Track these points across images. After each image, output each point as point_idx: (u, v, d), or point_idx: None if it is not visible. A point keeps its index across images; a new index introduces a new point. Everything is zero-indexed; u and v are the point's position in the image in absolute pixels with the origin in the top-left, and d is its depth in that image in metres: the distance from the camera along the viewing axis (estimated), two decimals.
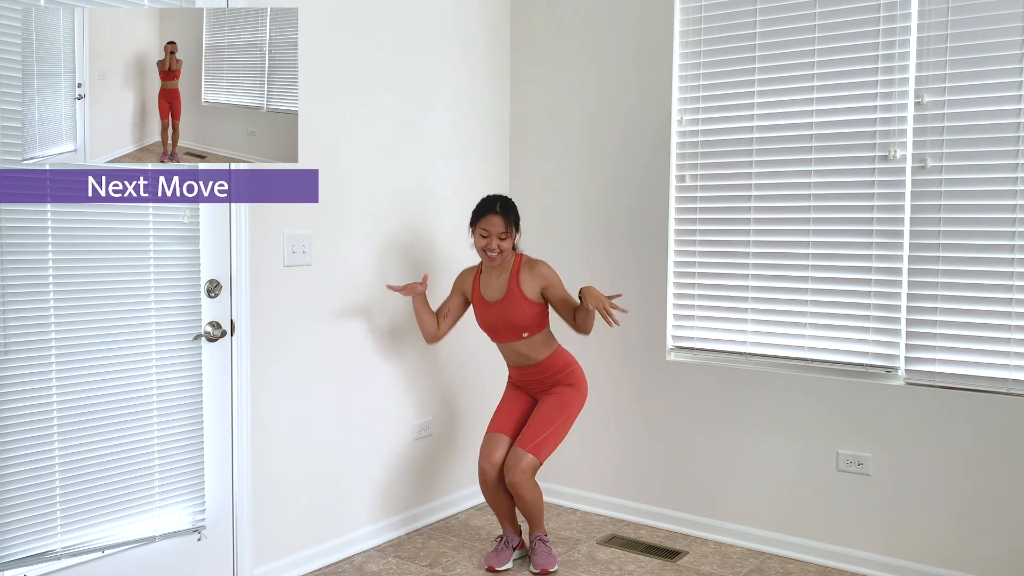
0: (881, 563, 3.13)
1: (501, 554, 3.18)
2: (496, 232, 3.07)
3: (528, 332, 3.13)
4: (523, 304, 3.10)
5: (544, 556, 3.16)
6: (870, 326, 3.16)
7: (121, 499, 2.55)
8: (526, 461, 3.04)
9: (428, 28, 3.55)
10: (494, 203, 3.10)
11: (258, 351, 2.91)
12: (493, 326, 3.17)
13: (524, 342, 3.14)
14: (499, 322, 3.13)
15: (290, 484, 3.07)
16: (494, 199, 3.12)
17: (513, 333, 3.13)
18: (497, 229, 3.07)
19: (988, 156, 2.91)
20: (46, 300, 2.36)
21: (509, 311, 3.10)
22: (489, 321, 3.17)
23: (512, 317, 3.10)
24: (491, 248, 3.07)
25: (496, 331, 3.18)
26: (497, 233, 3.07)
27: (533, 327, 3.13)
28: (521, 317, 3.10)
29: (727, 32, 3.40)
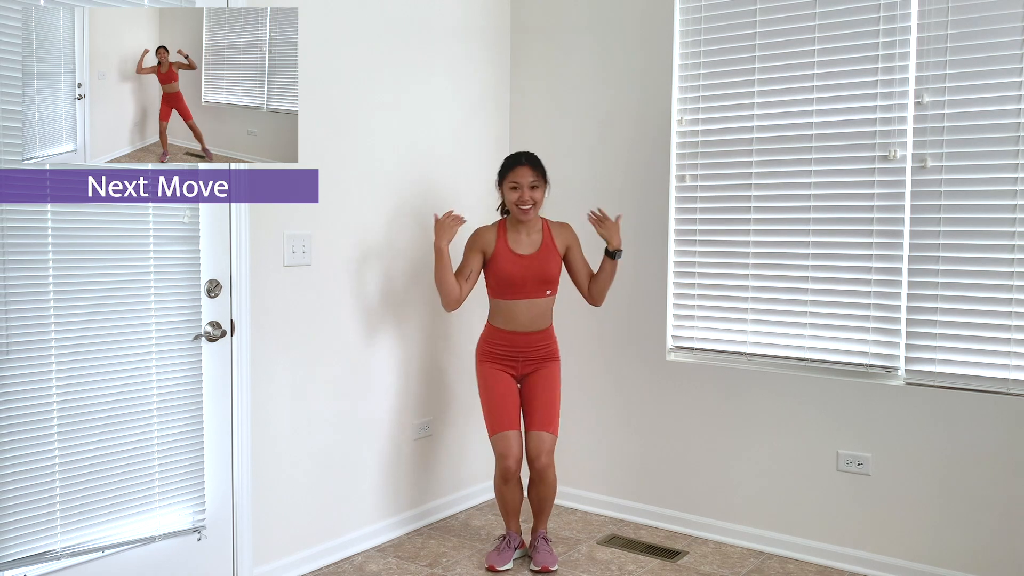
0: (881, 563, 3.13)
1: (502, 554, 3.18)
2: (527, 183, 3.08)
3: (551, 291, 3.16)
4: (556, 258, 3.15)
5: (545, 554, 3.16)
6: (870, 326, 3.16)
7: (121, 499, 2.55)
8: (549, 442, 3.12)
9: (428, 29, 3.55)
10: (520, 156, 3.14)
11: (258, 351, 2.91)
12: (522, 279, 3.11)
13: (545, 299, 3.15)
14: (531, 274, 3.11)
15: (290, 484, 3.07)
16: (519, 153, 3.16)
17: (540, 287, 3.13)
18: (527, 179, 3.08)
19: (988, 156, 2.91)
20: (46, 300, 2.36)
21: (544, 262, 3.12)
22: (519, 273, 3.10)
23: (548, 269, 3.12)
24: (524, 200, 3.07)
25: (523, 285, 3.12)
26: (528, 183, 3.08)
27: (556, 286, 3.18)
28: (554, 270, 3.14)
29: (727, 32, 3.40)
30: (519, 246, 3.15)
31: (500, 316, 3.20)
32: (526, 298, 3.14)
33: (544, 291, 3.15)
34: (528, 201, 3.08)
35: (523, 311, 3.15)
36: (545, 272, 3.13)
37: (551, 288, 3.16)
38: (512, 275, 3.12)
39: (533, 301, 3.14)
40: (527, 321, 3.16)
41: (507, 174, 3.13)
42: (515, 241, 3.15)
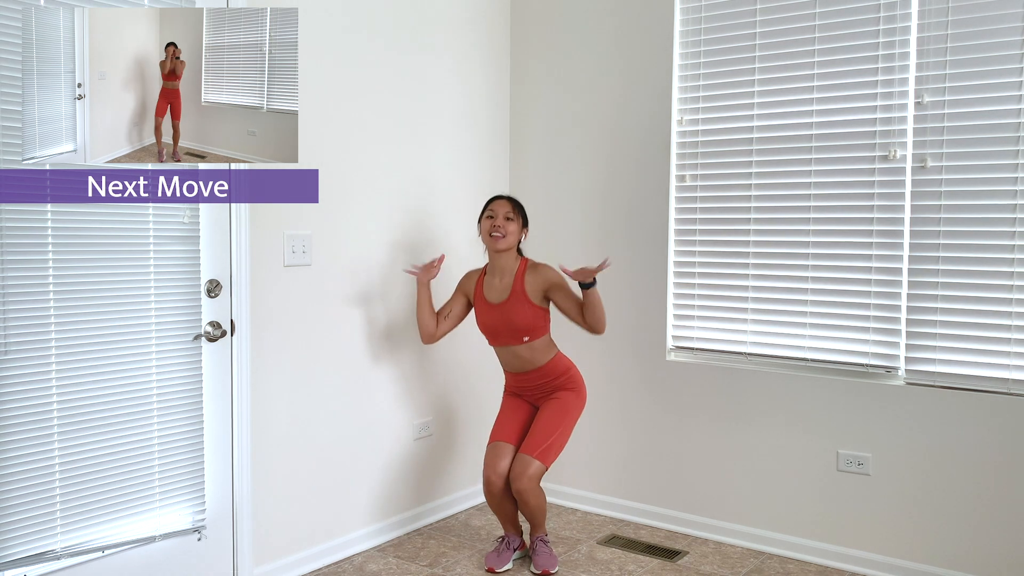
0: (881, 563, 3.13)
1: (502, 555, 3.18)
2: (502, 212, 3.10)
3: (529, 336, 3.11)
4: (526, 306, 3.09)
5: (545, 557, 3.16)
6: (870, 326, 3.16)
7: (121, 499, 2.55)
8: (533, 468, 3.04)
9: (428, 29, 3.55)
10: (501, 195, 3.21)
11: (258, 351, 2.91)
12: (494, 328, 3.14)
13: (524, 346, 3.12)
14: (500, 324, 3.11)
15: (290, 484, 3.07)
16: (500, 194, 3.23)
17: (513, 336, 3.11)
18: (503, 210, 3.11)
19: (988, 156, 2.91)
20: (46, 300, 2.36)
21: (512, 313, 3.09)
22: (490, 323, 3.15)
23: (514, 319, 3.08)
24: (496, 228, 3.08)
25: (496, 334, 3.15)
26: (503, 214, 3.10)
27: (534, 331, 3.11)
28: (523, 319, 3.08)
29: (727, 32, 3.40)
30: (491, 292, 3.16)
31: (499, 357, 3.26)
32: (505, 345, 3.16)
33: (520, 338, 3.10)
34: (500, 229, 3.07)
35: (509, 356, 3.19)
36: (512, 323, 3.08)
37: (528, 335, 3.10)
38: (484, 323, 3.18)
39: (511, 348, 3.14)
40: (518, 363, 3.18)
41: (486, 208, 3.17)
42: (489, 287, 3.17)
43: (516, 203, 3.17)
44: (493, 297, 3.15)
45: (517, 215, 3.13)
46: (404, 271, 3.28)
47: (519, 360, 3.17)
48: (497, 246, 3.10)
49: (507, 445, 3.14)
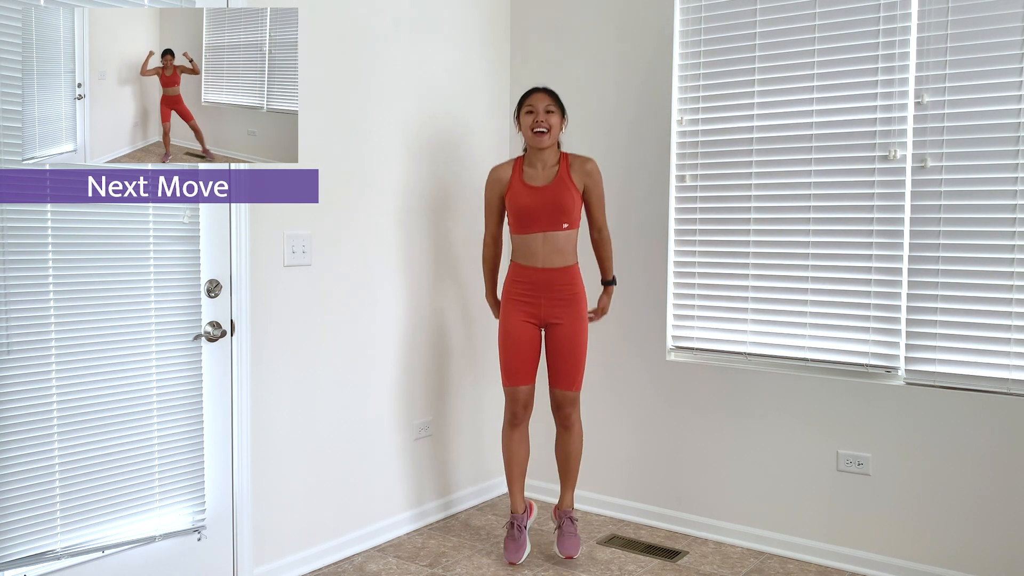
0: (881, 563, 3.13)
1: (518, 542, 3.19)
2: (542, 107, 3.06)
3: (569, 223, 3.10)
4: (572, 190, 3.09)
5: (571, 539, 3.20)
6: (870, 326, 3.16)
7: (121, 499, 2.55)
8: (572, 396, 3.20)
9: (427, 28, 3.55)
10: (536, 87, 3.16)
11: (258, 351, 2.91)
12: (536, 210, 3.07)
13: (563, 233, 3.09)
14: (545, 206, 3.06)
15: (290, 484, 3.07)
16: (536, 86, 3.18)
17: (555, 219, 3.07)
18: (543, 103, 3.06)
19: (988, 156, 2.91)
20: (46, 300, 2.36)
21: (559, 195, 3.06)
22: (532, 205, 3.07)
23: (562, 201, 3.06)
24: (538, 123, 3.04)
25: (537, 216, 3.07)
26: (543, 107, 3.05)
27: (575, 219, 3.12)
28: (569, 202, 3.07)
29: (727, 32, 3.40)
30: (534, 179, 3.11)
31: (520, 252, 3.17)
32: (542, 231, 3.09)
33: (560, 223, 3.08)
34: (543, 124, 3.04)
35: (540, 245, 3.11)
36: (559, 203, 3.06)
37: (568, 221, 3.09)
38: (526, 208, 3.09)
39: (549, 234, 3.09)
40: (546, 256, 3.11)
41: (523, 102, 3.13)
42: (530, 175, 3.13)
43: (553, 94, 3.12)
44: (536, 181, 3.10)
45: (556, 107, 3.10)
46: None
47: (548, 248, 3.10)
48: (541, 143, 3.07)
49: (525, 387, 3.19)
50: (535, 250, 3.12)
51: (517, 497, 3.28)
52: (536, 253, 3.12)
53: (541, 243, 3.10)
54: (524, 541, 3.22)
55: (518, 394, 3.20)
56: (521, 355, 3.19)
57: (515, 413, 3.22)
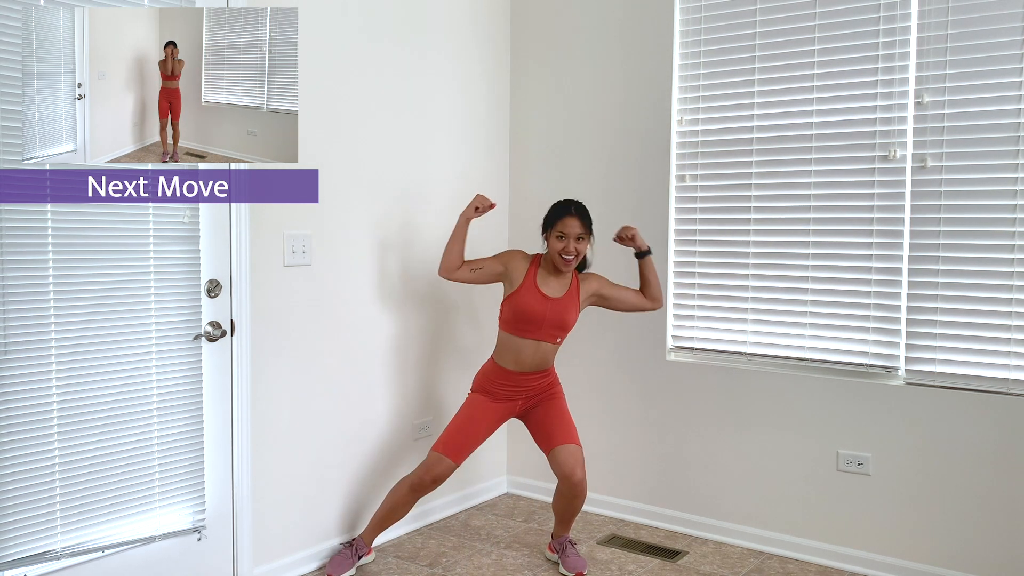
0: (881, 563, 3.13)
1: (347, 560, 3.10)
2: (574, 234, 3.01)
3: (561, 338, 3.13)
4: (577, 309, 3.11)
5: (576, 558, 3.17)
6: (870, 326, 3.16)
7: (121, 499, 2.55)
8: (580, 454, 3.09)
9: (427, 29, 3.55)
10: (569, 206, 3.05)
11: (258, 351, 2.91)
12: (539, 320, 3.06)
13: (552, 346, 3.12)
14: (549, 318, 3.07)
15: (290, 484, 3.07)
16: (569, 202, 3.07)
17: (553, 333, 3.09)
18: (575, 231, 3.02)
19: (988, 156, 2.91)
20: (46, 300, 2.36)
21: (565, 311, 3.08)
22: (538, 314, 3.06)
23: (566, 318, 3.08)
24: (568, 251, 3.01)
25: (540, 326, 3.07)
26: (575, 235, 3.01)
27: (566, 336, 3.15)
28: (572, 320, 3.10)
29: (727, 32, 3.40)
30: (547, 287, 3.09)
31: (507, 355, 3.11)
32: (535, 339, 3.09)
33: (556, 337, 3.11)
34: (572, 253, 3.02)
35: (531, 352, 3.09)
36: (563, 319, 3.08)
37: (562, 336, 3.13)
38: (532, 313, 3.06)
39: (541, 344, 3.10)
40: (535, 362, 3.11)
41: (555, 223, 3.05)
42: (544, 281, 3.10)
43: (585, 217, 3.05)
44: (550, 291, 3.09)
45: (587, 232, 3.05)
46: (473, 202, 3.14)
47: (539, 357, 3.11)
48: (568, 269, 3.06)
49: (451, 464, 3.05)
50: (524, 356, 3.10)
51: (372, 532, 3.16)
52: (524, 359, 3.10)
53: (533, 350, 3.10)
54: (353, 564, 3.10)
55: (440, 465, 3.03)
56: (469, 435, 3.10)
57: (423, 483, 3.04)
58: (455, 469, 3.08)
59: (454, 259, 3.12)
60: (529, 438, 3.28)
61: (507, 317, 3.12)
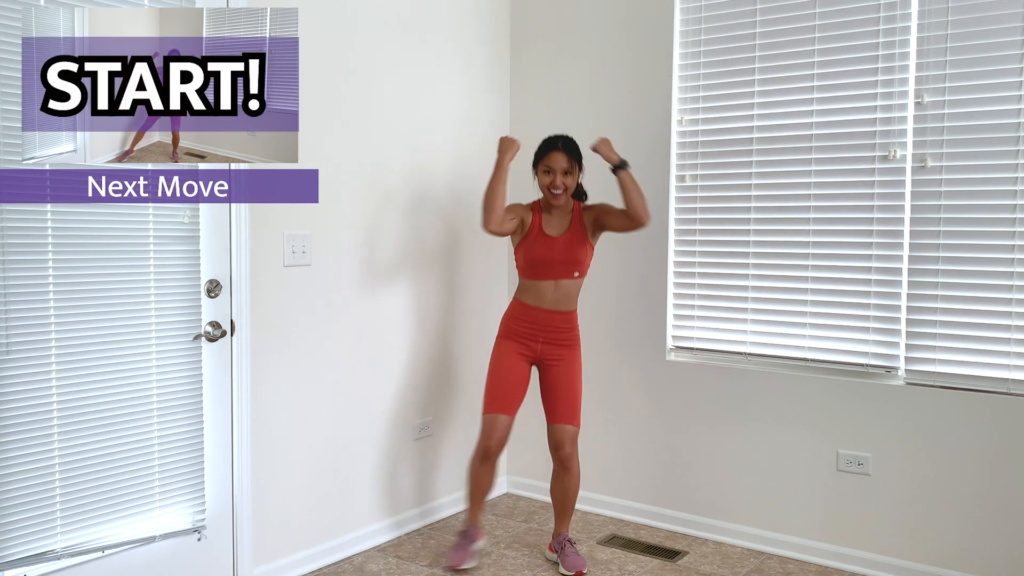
0: (881, 563, 3.13)
1: (466, 551, 3.17)
2: (560, 168, 3.09)
3: (579, 272, 3.16)
4: (585, 241, 3.15)
5: (575, 557, 3.18)
6: (870, 326, 3.16)
7: (121, 499, 2.55)
8: (572, 433, 3.15)
9: (428, 29, 3.55)
10: (556, 141, 3.14)
11: (258, 351, 2.91)
12: (550, 260, 3.13)
13: (572, 281, 3.16)
14: (559, 255, 3.12)
15: (290, 484, 3.07)
16: (556, 137, 3.16)
17: (567, 269, 3.14)
18: (560, 165, 3.09)
19: (988, 156, 2.91)
20: (46, 300, 2.36)
21: (573, 245, 3.13)
22: (547, 254, 3.13)
23: (575, 251, 3.13)
24: (555, 185, 3.09)
25: (551, 265, 3.13)
26: (561, 169, 3.09)
27: (584, 268, 3.18)
28: (581, 253, 3.14)
29: (727, 32, 3.40)
30: (550, 227, 3.17)
31: (528, 293, 3.19)
32: (553, 279, 3.15)
33: (571, 273, 3.15)
34: (559, 186, 3.09)
35: (550, 291, 3.16)
36: (573, 255, 3.14)
37: (579, 271, 3.17)
38: (541, 256, 3.14)
39: (559, 282, 3.15)
40: (554, 300, 3.16)
41: (542, 158, 3.14)
42: (547, 222, 3.18)
43: (570, 150, 3.11)
44: (553, 230, 3.16)
45: (574, 166, 3.12)
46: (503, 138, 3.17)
47: (559, 294, 3.16)
48: (557, 203, 3.12)
49: (505, 417, 3.15)
50: (544, 295, 3.17)
51: (476, 514, 3.25)
52: (545, 297, 3.17)
53: (552, 289, 3.16)
54: (471, 551, 3.18)
55: (497, 423, 3.13)
56: (509, 385, 3.18)
57: (488, 448, 3.14)
58: (512, 422, 3.18)
59: (500, 206, 3.09)
60: (530, 439, 3.29)
61: (521, 264, 3.22)
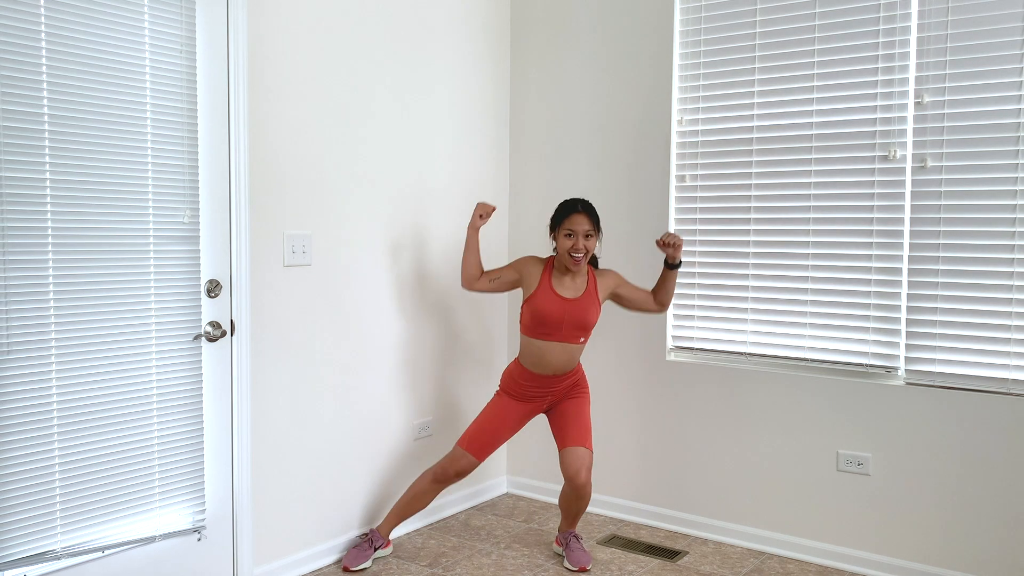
0: (881, 563, 3.13)
1: (363, 553, 3.16)
2: (582, 231, 3.03)
3: (584, 337, 3.13)
4: (596, 306, 3.12)
5: (580, 553, 3.19)
6: (870, 326, 3.16)
7: (121, 499, 2.55)
8: (588, 458, 3.12)
9: (428, 28, 3.55)
10: (576, 203, 3.07)
11: (258, 351, 2.91)
12: (559, 322, 3.07)
13: (577, 345, 3.12)
14: (569, 319, 3.07)
15: (290, 484, 3.07)
16: (575, 200, 3.09)
17: (575, 333, 3.09)
18: (583, 228, 3.03)
19: (988, 156, 2.92)
20: (46, 300, 2.36)
21: (585, 310, 3.08)
22: (557, 316, 3.07)
23: (587, 317, 3.08)
24: (577, 249, 3.02)
25: (560, 327, 3.07)
26: (583, 232, 3.03)
27: (589, 334, 3.15)
28: (592, 319, 3.11)
29: (727, 32, 3.40)
30: (562, 288, 3.10)
31: (530, 357, 3.13)
32: (560, 341, 3.09)
33: (578, 338, 3.11)
34: (581, 250, 3.02)
35: (554, 354, 3.10)
36: (583, 319, 3.08)
37: (585, 336, 3.13)
38: (550, 316, 3.07)
39: (566, 345, 3.10)
40: (560, 363, 3.11)
41: (562, 221, 3.06)
42: (559, 283, 3.11)
43: (593, 214, 3.07)
44: (566, 292, 3.10)
45: (595, 228, 3.07)
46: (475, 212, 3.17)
47: (564, 358, 3.11)
48: (577, 268, 3.07)
49: (475, 460, 3.14)
50: (550, 359, 3.11)
51: (391, 523, 3.23)
52: (549, 362, 3.11)
53: (557, 352, 3.10)
54: (369, 555, 3.16)
55: (463, 460, 3.13)
56: (493, 435, 3.16)
57: (446, 473, 3.14)
58: (477, 466, 3.17)
59: (473, 270, 3.18)
60: (530, 439, 3.29)
61: (527, 322, 3.13)
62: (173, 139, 2.61)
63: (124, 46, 2.47)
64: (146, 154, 2.54)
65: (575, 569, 3.15)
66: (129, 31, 2.48)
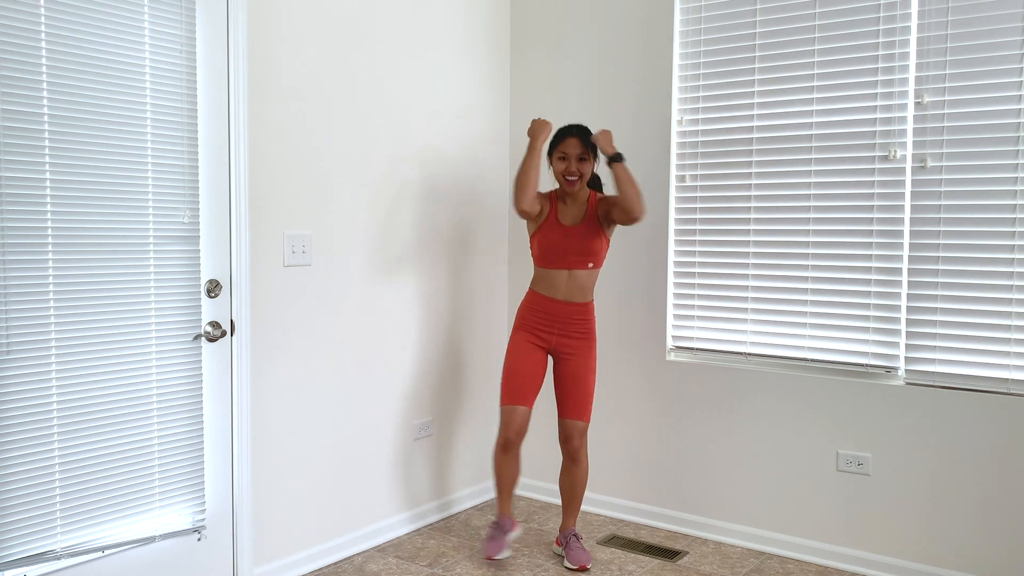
0: (881, 563, 3.13)
1: (498, 541, 3.19)
2: (575, 154, 3.11)
3: (594, 264, 3.17)
4: (600, 232, 3.16)
5: (579, 552, 3.19)
6: (870, 326, 3.16)
7: (121, 499, 2.55)
8: (581, 427, 3.20)
9: (428, 29, 3.55)
10: (570, 128, 3.16)
11: (258, 351, 2.91)
12: (565, 250, 3.14)
13: (586, 272, 3.17)
14: (573, 246, 3.13)
15: (290, 484, 3.07)
16: (570, 125, 3.18)
17: (582, 259, 3.14)
18: (575, 151, 3.11)
19: (988, 156, 2.92)
20: (46, 300, 2.36)
21: (588, 236, 3.14)
22: (562, 244, 3.14)
23: (590, 242, 3.14)
24: (571, 171, 3.10)
25: (566, 255, 3.14)
26: (576, 155, 3.11)
27: (599, 260, 3.19)
28: (597, 244, 3.15)
29: (727, 32, 3.40)
30: (565, 217, 3.18)
31: (542, 283, 3.21)
32: (567, 268, 3.16)
33: (586, 263, 3.16)
34: (575, 172, 3.10)
35: (564, 281, 3.17)
36: (588, 245, 3.14)
37: (594, 261, 3.17)
38: (556, 246, 3.15)
39: (574, 272, 3.16)
40: (568, 291, 3.17)
41: (557, 145, 3.16)
42: (563, 212, 3.19)
43: (586, 138, 3.13)
44: (568, 220, 3.17)
45: (589, 153, 3.13)
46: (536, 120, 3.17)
47: (574, 285, 3.17)
48: (573, 190, 3.13)
49: (523, 408, 3.18)
50: (558, 285, 3.18)
51: (506, 505, 3.26)
52: (559, 287, 3.18)
53: (566, 279, 3.17)
54: (506, 541, 3.20)
55: (515, 414, 3.16)
56: (525, 376, 3.20)
57: (508, 439, 3.17)
58: (530, 412, 3.20)
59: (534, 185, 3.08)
60: (530, 439, 3.29)
61: (536, 253, 3.23)
62: (173, 139, 2.61)
63: (124, 46, 2.47)
64: (146, 154, 2.54)
65: (575, 567, 3.15)
66: (129, 31, 2.48)
